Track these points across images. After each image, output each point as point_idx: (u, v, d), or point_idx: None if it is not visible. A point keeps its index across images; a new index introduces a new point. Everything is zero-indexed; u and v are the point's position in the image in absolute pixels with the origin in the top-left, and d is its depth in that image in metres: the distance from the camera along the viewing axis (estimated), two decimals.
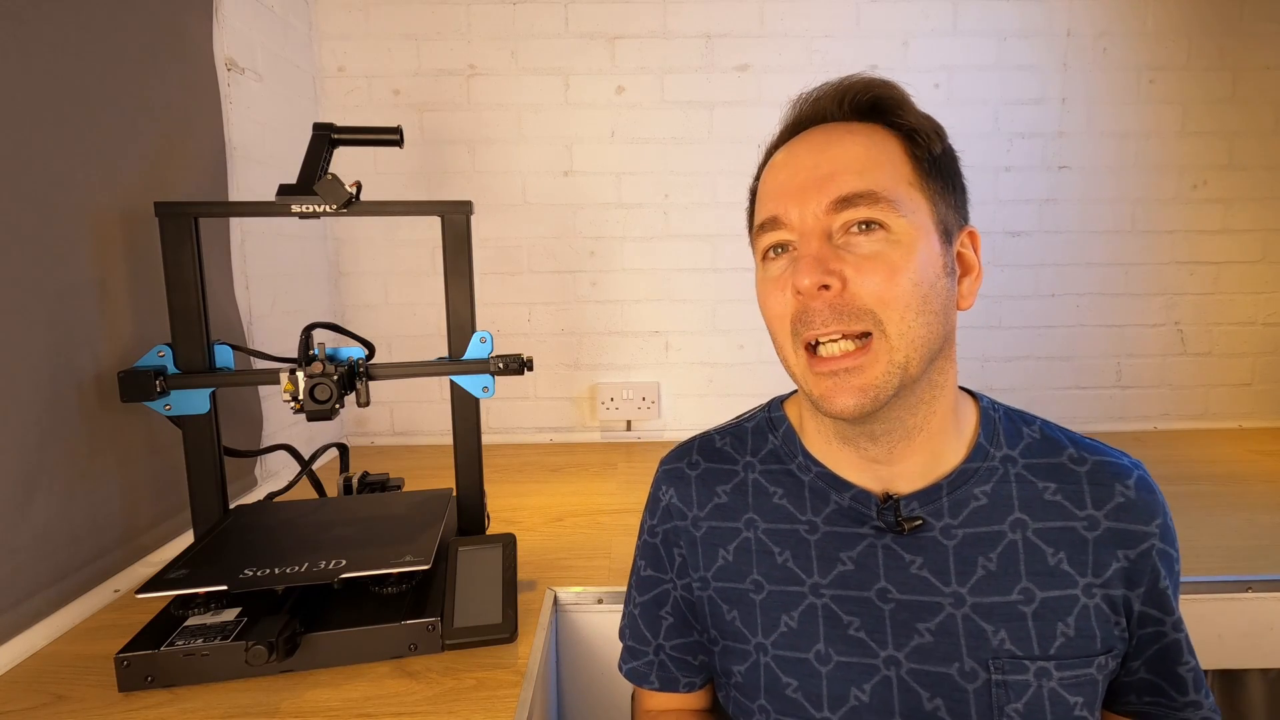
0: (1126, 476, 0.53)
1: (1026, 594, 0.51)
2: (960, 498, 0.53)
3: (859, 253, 0.49)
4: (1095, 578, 0.51)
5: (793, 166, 0.52)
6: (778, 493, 0.59)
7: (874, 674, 0.52)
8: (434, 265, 1.57)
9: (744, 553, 0.58)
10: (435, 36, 1.51)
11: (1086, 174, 1.58)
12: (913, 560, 0.53)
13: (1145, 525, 0.51)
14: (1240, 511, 1.10)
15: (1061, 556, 0.51)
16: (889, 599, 0.53)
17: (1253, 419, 1.66)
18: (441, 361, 0.89)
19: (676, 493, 0.62)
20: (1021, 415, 0.58)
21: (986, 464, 0.54)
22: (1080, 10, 1.53)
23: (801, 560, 0.56)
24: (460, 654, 0.71)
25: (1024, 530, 0.52)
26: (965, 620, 0.51)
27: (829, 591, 0.54)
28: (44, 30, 0.78)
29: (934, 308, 0.49)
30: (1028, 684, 0.49)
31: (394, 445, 1.62)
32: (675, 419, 1.63)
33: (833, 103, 0.53)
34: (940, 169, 0.52)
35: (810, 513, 0.57)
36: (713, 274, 1.59)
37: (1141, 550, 0.51)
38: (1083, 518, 0.52)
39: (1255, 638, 0.89)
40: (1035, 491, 0.53)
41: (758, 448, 0.62)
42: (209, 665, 0.65)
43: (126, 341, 0.90)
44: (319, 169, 0.87)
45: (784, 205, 0.51)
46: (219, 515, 0.86)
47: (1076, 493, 0.53)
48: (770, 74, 1.53)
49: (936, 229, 0.50)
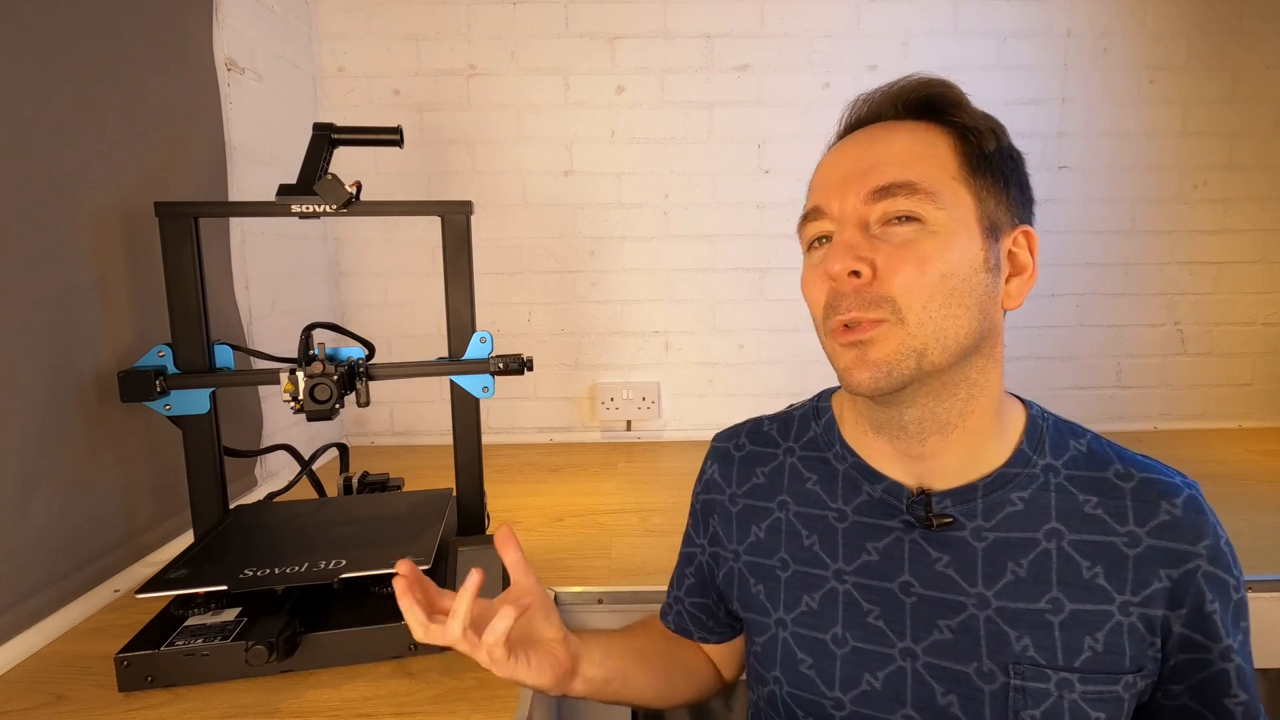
0: (1174, 495, 0.51)
1: (1055, 604, 0.50)
2: (996, 500, 0.53)
3: (893, 242, 0.49)
4: (1134, 596, 0.49)
5: (838, 161, 0.54)
6: (812, 478, 0.60)
7: (889, 663, 0.53)
8: (434, 265, 1.57)
9: (774, 531, 0.60)
10: (435, 36, 1.51)
11: (1086, 174, 1.58)
12: (939, 557, 0.53)
13: (1191, 545, 0.50)
14: (1240, 511, 1.10)
15: (1098, 571, 0.50)
16: (911, 592, 0.53)
17: (1253, 419, 1.66)
18: (441, 361, 0.89)
19: (719, 469, 0.66)
20: (1072, 427, 0.57)
21: (1027, 470, 0.53)
22: (1080, 10, 1.53)
23: (827, 545, 0.57)
24: (460, 654, 0.70)
25: (1059, 540, 0.51)
26: (988, 622, 0.51)
27: (851, 578, 0.56)
28: (44, 30, 0.78)
29: (965, 301, 0.49)
30: (1048, 693, 0.49)
31: (394, 445, 1.62)
32: (675, 419, 1.63)
33: (887, 103, 0.54)
34: (992, 166, 0.51)
35: (841, 501, 0.58)
36: (713, 274, 1.59)
37: (1185, 570, 0.49)
38: (1124, 534, 0.50)
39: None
40: (1075, 503, 0.52)
41: (801, 434, 0.64)
42: (209, 665, 0.65)
43: (126, 341, 0.90)
44: (319, 169, 0.87)
45: (826, 196, 0.52)
46: (219, 515, 0.86)
47: (1119, 508, 0.51)
48: (770, 74, 1.53)
49: (980, 224, 0.50)
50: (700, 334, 1.61)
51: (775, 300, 1.58)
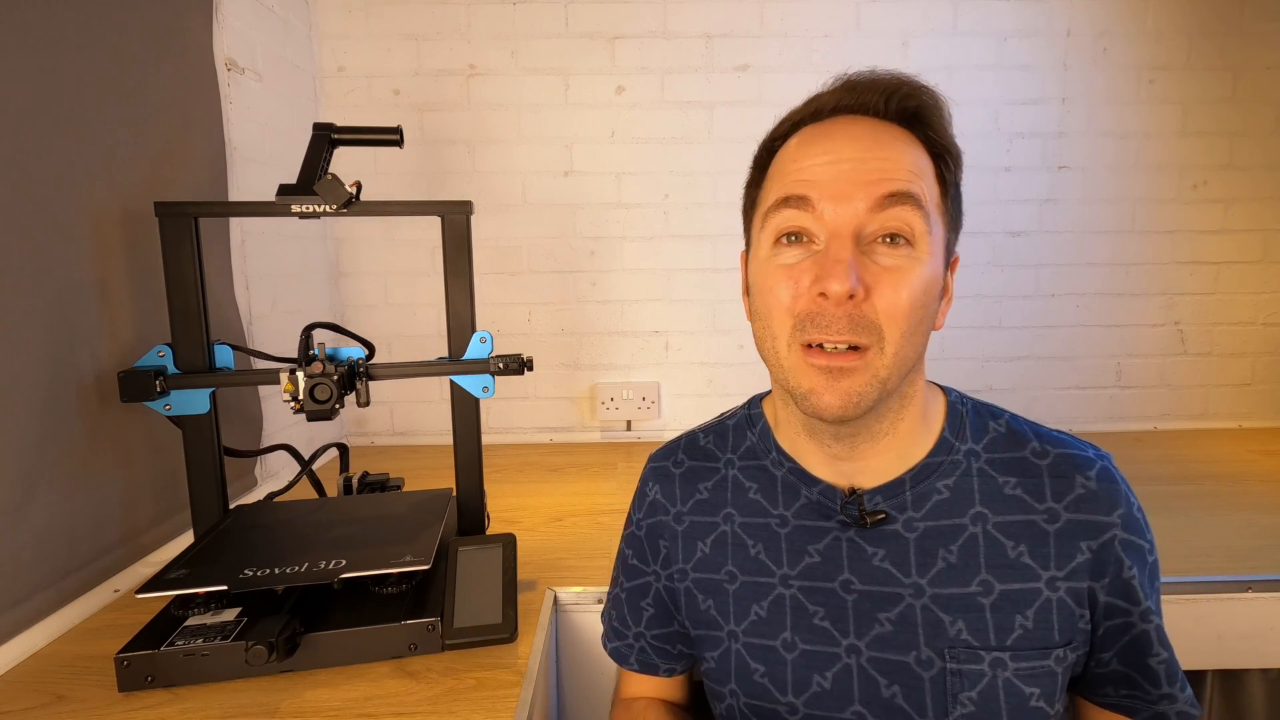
0: (1088, 468, 0.53)
1: (985, 586, 0.52)
2: (923, 491, 0.54)
3: (881, 264, 0.48)
4: (1059, 570, 0.51)
5: (833, 153, 0.50)
6: (753, 487, 0.60)
7: (835, 662, 0.54)
8: (434, 265, 1.57)
9: (720, 545, 0.60)
10: (435, 36, 1.51)
11: (1086, 174, 1.58)
12: (875, 552, 0.54)
13: (1106, 516, 0.52)
14: (1240, 511, 1.10)
15: (1022, 550, 0.52)
16: (852, 590, 0.54)
17: (1253, 419, 1.66)
18: (441, 361, 0.89)
19: (661, 489, 0.65)
20: (990, 409, 0.58)
21: (950, 458, 0.55)
22: (1080, 10, 1.53)
23: (772, 552, 0.58)
24: (460, 654, 0.71)
25: (984, 524, 0.53)
26: (924, 610, 0.52)
27: (796, 582, 0.56)
28: (44, 30, 0.78)
29: (923, 328, 0.50)
30: (982, 674, 0.51)
31: (394, 445, 1.62)
32: (675, 419, 1.63)
33: (878, 96, 0.51)
34: (956, 197, 0.53)
35: (782, 506, 0.58)
36: (713, 274, 1.59)
37: (1104, 541, 0.51)
38: (1042, 511, 0.52)
39: (1255, 638, 0.89)
40: (996, 486, 0.54)
41: (738, 444, 0.63)
42: (209, 665, 0.65)
43: (126, 341, 0.90)
44: (319, 169, 0.87)
45: (816, 190, 0.49)
46: (219, 515, 0.86)
47: (1037, 486, 0.53)
48: (770, 74, 1.53)
49: (943, 253, 0.52)
50: (700, 334, 1.61)
51: None
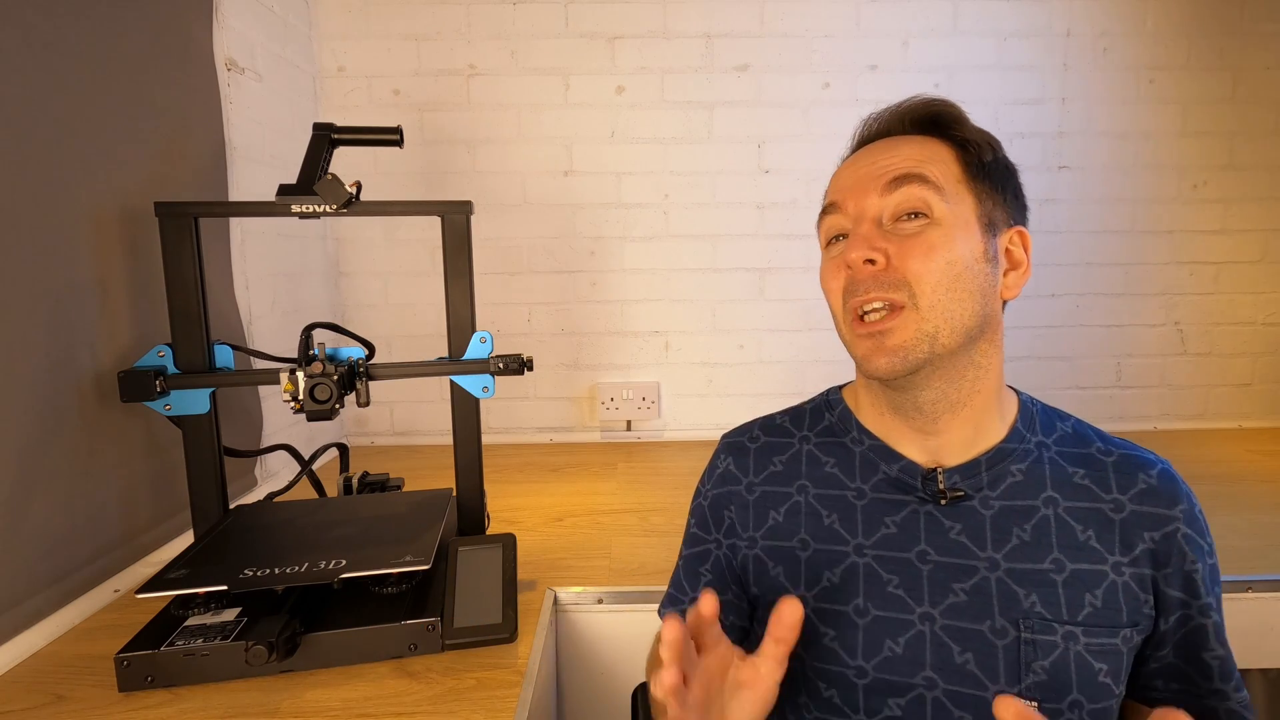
0: (1150, 468, 0.57)
1: (1057, 564, 0.55)
2: (998, 473, 0.58)
3: (903, 234, 0.55)
4: (1123, 556, 0.55)
5: (854, 168, 0.60)
6: (829, 462, 0.64)
7: (909, 628, 0.56)
8: (434, 265, 1.57)
9: (794, 514, 0.63)
10: (435, 36, 1.51)
11: (1086, 174, 1.58)
12: (952, 526, 0.57)
13: (1168, 510, 0.55)
14: (1240, 511, 1.10)
15: (1090, 534, 0.55)
16: (928, 560, 0.57)
17: (1253, 419, 1.66)
18: (441, 361, 0.89)
19: (734, 461, 0.68)
20: (1058, 412, 0.63)
21: (1023, 446, 0.59)
22: (1080, 10, 1.53)
23: (848, 523, 0.60)
24: (460, 654, 0.71)
25: (1055, 507, 0.57)
26: (999, 583, 0.55)
27: (871, 551, 0.59)
28: (44, 30, 0.78)
29: (968, 287, 0.54)
30: (1055, 644, 0.53)
31: (394, 445, 1.62)
32: (675, 419, 1.63)
33: (895, 120, 0.61)
34: (989, 173, 0.57)
35: (859, 480, 0.62)
36: (713, 274, 1.59)
37: (1166, 532, 0.55)
38: (1109, 500, 0.56)
39: (1255, 638, 0.89)
40: (1066, 474, 0.58)
41: (815, 423, 0.68)
42: (209, 665, 0.65)
43: (126, 341, 0.90)
44: (319, 169, 0.87)
45: (842, 195, 0.59)
46: (219, 515, 0.86)
47: (1103, 478, 0.57)
48: (770, 74, 1.53)
49: (979, 222, 0.56)
50: (700, 334, 1.61)
51: (775, 300, 1.58)
